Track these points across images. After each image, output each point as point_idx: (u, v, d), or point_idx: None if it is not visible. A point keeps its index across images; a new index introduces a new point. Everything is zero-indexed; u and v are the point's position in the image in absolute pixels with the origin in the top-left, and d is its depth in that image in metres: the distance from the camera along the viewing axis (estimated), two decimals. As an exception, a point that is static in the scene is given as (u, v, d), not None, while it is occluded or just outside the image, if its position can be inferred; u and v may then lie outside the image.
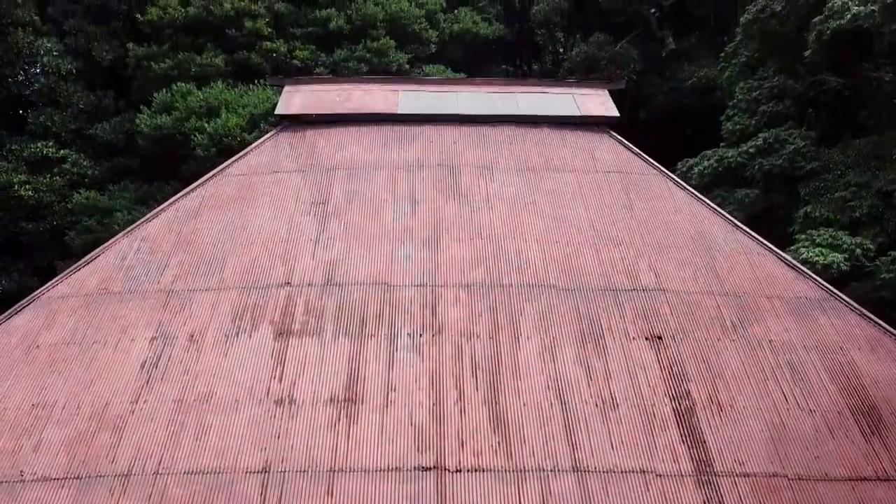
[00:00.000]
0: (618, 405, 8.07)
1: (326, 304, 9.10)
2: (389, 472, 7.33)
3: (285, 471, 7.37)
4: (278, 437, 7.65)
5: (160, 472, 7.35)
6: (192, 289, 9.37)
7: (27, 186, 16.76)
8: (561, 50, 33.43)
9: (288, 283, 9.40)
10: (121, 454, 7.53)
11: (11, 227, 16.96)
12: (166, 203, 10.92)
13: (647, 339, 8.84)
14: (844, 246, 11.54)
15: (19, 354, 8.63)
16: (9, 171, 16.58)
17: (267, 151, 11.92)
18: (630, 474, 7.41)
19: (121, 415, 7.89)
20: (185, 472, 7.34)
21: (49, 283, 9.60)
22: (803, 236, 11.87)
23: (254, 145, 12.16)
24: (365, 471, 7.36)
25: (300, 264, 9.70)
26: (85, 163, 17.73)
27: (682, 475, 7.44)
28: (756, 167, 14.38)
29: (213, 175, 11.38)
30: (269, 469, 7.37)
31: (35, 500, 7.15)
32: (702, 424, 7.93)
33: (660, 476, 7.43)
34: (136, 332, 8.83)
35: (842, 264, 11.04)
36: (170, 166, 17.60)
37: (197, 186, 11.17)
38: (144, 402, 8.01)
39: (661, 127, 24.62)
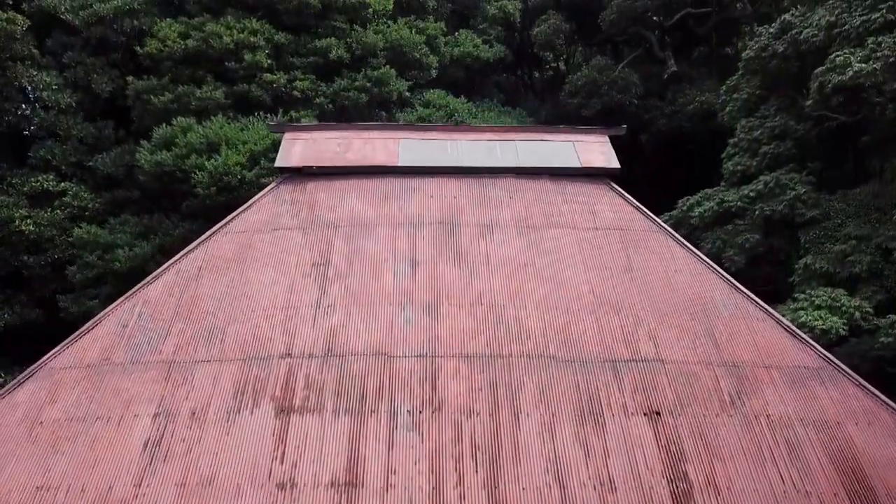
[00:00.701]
0: (616, 488, 8.22)
1: (326, 378, 9.26)
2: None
3: None
4: None
5: None
6: (194, 360, 9.52)
7: (28, 221, 16.94)
8: (563, 67, 33.57)
9: (289, 355, 9.54)
10: None
11: (13, 261, 17.14)
12: (167, 264, 11.06)
13: (645, 414, 8.98)
14: (843, 308, 11.68)
15: (23, 432, 8.78)
16: (10, 206, 16.75)
17: (268, 206, 12.06)
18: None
19: (124, 499, 8.05)
20: None
21: (51, 353, 9.74)
22: (803, 296, 12.02)
23: (255, 198, 12.29)
24: None
25: (301, 333, 9.85)
26: (85, 195, 17.89)
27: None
28: (756, 212, 14.52)
29: (214, 232, 11.52)
30: None
31: None
32: None
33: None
34: (138, 407, 8.97)
35: (840, 329, 11.19)
36: (170, 199, 17.75)
37: (197, 245, 11.31)
38: (147, 485, 8.16)
39: (662, 151, 24.74)
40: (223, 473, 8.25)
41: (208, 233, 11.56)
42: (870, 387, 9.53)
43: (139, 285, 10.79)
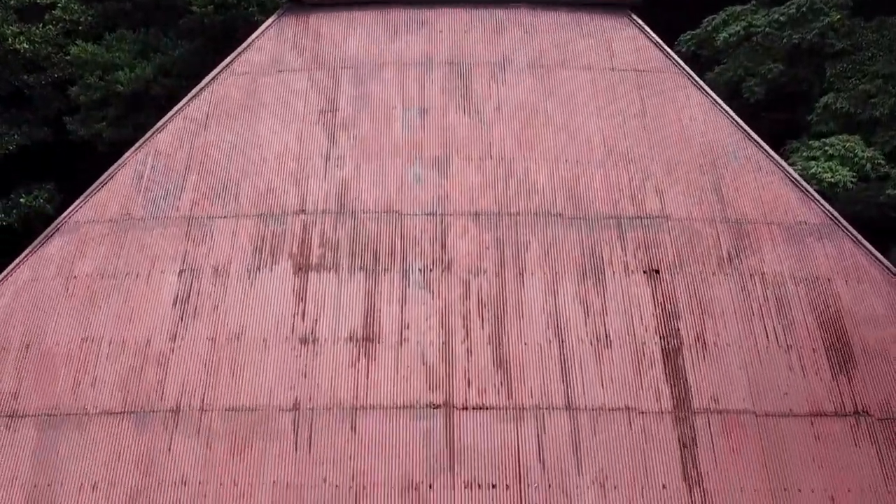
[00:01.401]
0: (611, 343, 9.09)
1: (340, 237, 9.81)
2: (404, 410, 8.60)
3: (313, 408, 8.64)
4: (305, 377, 8.83)
5: (204, 408, 8.64)
6: (211, 216, 10.03)
7: (21, 38, 16.56)
8: None
9: (303, 211, 10.01)
10: (168, 390, 8.78)
11: (13, 80, 17.05)
12: (173, 111, 11.13)
13: (645, 272, 9.61)
14: (856, 159, 11.70)
15: (59, 287, 9.57)
16: (0, 22, 16.30)
17: (270, 44, 11.80)
18: (616, 412, 8.65)
19: (162, 352, 9.02)
20: (225, 409, 8.63)
21: (72, 207, 10.25)
22: (817, 143, 11.95)
23: (257, 33, 11.98)
24: (383, 408, 8.63)
25: (312, 187, 10.23)
26: (75, 7, 17.25)
27: (662, 413, 8.66)
28: (784, 39, 13.88)
29: (218, 74, 11.43)
30: (299, 407, 8.64)
31: (102, 432, 8.51)
32: (686, 363, 9.00)
33: (642, 413, 8.66)
34: (164, 264, 9.66)
35: (849, 182, 11.33)
36: (165, 12, 17.13)
37: (202, 89, 11.29)
38: (182, 339, 9.09)
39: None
40: (249, 329, 9.11)
41: (211, 74, 11.44)
42: (866, 244, 9.99)
43: (149, 133, 10.96)
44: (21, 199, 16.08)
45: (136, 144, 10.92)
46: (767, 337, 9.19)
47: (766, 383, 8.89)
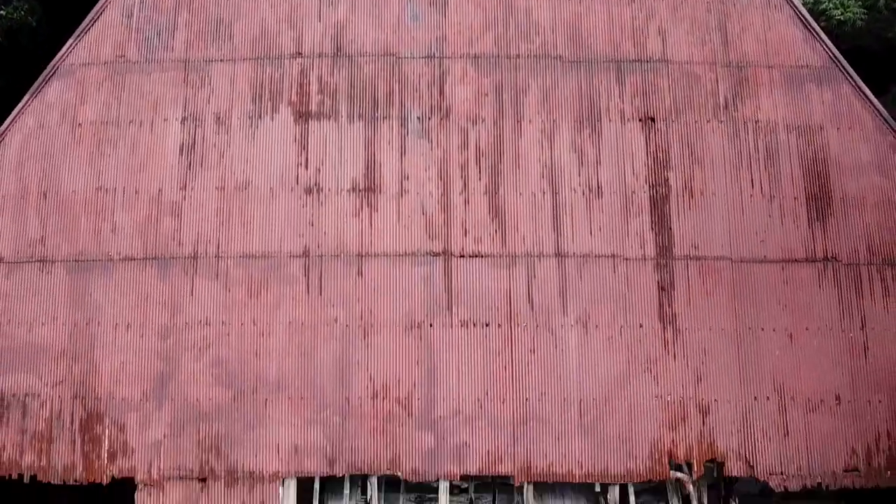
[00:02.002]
0: (602, 193, 9.66)
1: (339, 81, 9.94)
2: (406, 257, 9.41)
3: (321, 255, 9.44)
4: (312, 225, 9.52)
5: (220, 255, 9.44)
6: (207, 59, 10.08)
7: None
8: None
9: (299, 54, 10.04)
10: (184, 238, 9.52)
11: None
12: (156, -63, 10.62)
13: (640, 120, 9.90)
14: None
15: (66, 135, 9.92)
16: None
17: None
18: (602, 259, 9.45)
19: (175, 201, 9.62)
20: (240, 256, 9.44)
21: (64, 49, 10.22)
22: None
23: None
24: (386, 255, 9.42)
25: (308, 28, 10.14)
26: None
27: (645, 259, 9.48)
28: None
29: None
30: (308, 254, 9.44)
31: (128, 277, 9.40)
32: (672, 212, 9.63)
33: (626, 260, 9.47)
34: (165, 111, 9.92)
35: (858, 20, 10.97)
36: None
37: None
38: (192, 189, 9.65)
39: None
40: (256, 179, 9.62)
41: None
42: (864, 88, 10.13)
43: None
44: (1, 12, 15.58)
45: (121, -24, 10.51)
46: (753, 186, 9.68)
47: (745, 231, 9.55)
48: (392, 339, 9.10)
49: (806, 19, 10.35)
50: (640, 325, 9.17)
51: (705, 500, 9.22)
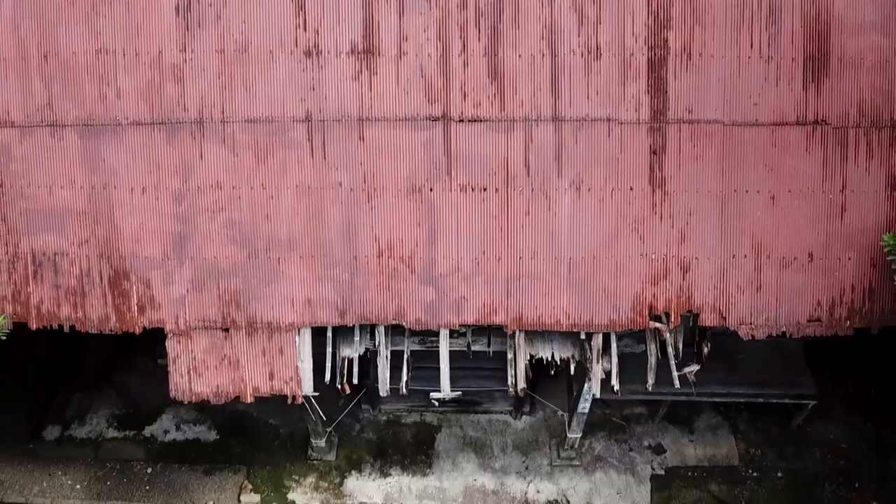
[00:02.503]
0: (601, 55, 9.76)
1: (334, -65, 9.64)
2: (406, 122, 9.72)
3: (324, 120, 9.74)
4: (313, 89, 9.73)
5: (225, 120, 9.75)
6: None
7: None
8: None
9: None
10: (189, 103, 9.77)
11: None
12: None
13: None
14: None
15: None
16: None
17: None
18: (598, 122, 9.77)
19: (176, 64, 9.75)
20: (245, 121, 9.75)
21: None
22: None
23: None
24: (387, 120, 9.73)
25: None
26: None
27: (639, 123, 9.79)
28: None
29: None
30: (311, 119, 9.74)
31: (138, 142, 9.78)
32: (668, 74, 9.79)
33: (621, 124, 9.79)
34: None
35: None
36: None
37: None
38: (192, 51, 9.74)
39: None
40: (255, 41, 9.67)
41: None
42: None
43: None
44: None
45: None
46: (752, 47, 9.72)
47: (739, 94, 9.74)
48: (395, 202, 9.64)
49: None
50: (631, 188, 9.66)
51: (680, 345, 10.22)
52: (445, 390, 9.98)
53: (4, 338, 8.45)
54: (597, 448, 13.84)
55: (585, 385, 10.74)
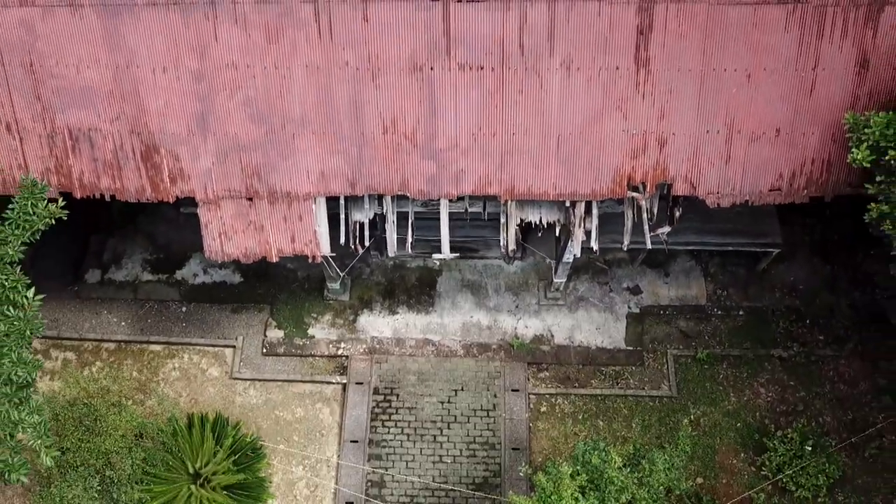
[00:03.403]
0: None
1: None
2: (407, 2, 10.31)
3: (331, 0, 10.35)
4: None
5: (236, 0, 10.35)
6: None
7: None
8: None
9: None
10: None
11: None
12: None
13: None
14: None
15: None
16: None
17: None
18: (589, 2, 10.34)
19: None
20: (255, 1, 10.35)
21: None
22: None
23: None
24: (389, 0, 10.33)
25: None
26: None
27: (628, 2, 10.38)
28: None
29: None
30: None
31: (155, 22, 10.45)
32: None
33: (611, 3, 10.37)
34: None
35: None
36: None
37: None
38: None
39: None
40: None
41: None
42: None
43: None
44: None
45: None
46: None
47: None
48: (397, 80, 10.47)
49: None
50: (617, 67, 10.45)
51: (655, 209, 11.50)
52: (445, 252, 11.39)
53: (63, 215, 9.64)
54: (580, 289, 15.55)
55: (569, 244, 12.14)
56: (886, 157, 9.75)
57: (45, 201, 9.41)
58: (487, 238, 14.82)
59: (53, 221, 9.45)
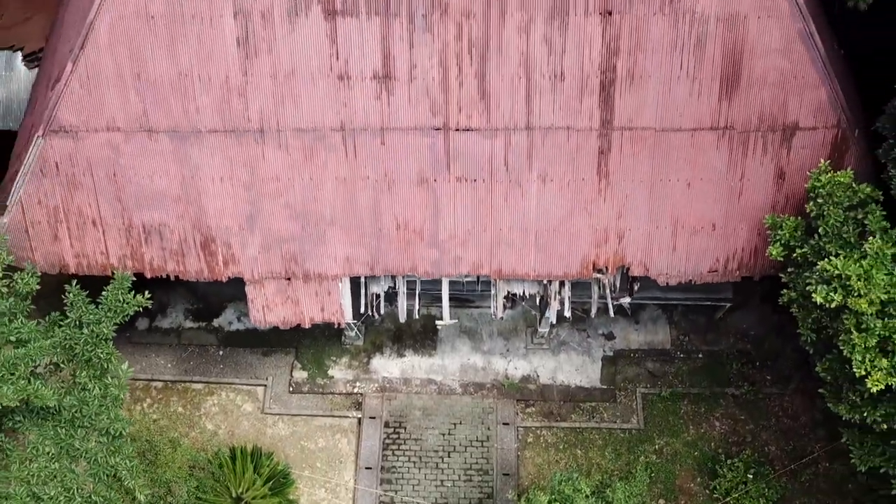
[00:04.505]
0: (565, 78, 13.35)
1: (358, -18, 12.88)
2: (416, 130, 13.52)
3: (354, 129, 13.55)
4: (345, 106, 13.43)
5: (280, 129, 13.56)
6: (247, -41, 12.86)
7: None
8: None
9: (323, -44, 12.80)
10: (252, 116, 13.52)
11: None
12: None
13: (600, 13, 13.08)
14: None
15: (143, 26, 13.16)
16: None
17: None
18: (560, 130, 13.56)
19: (240, 86, 13.37)
20: (295, 130, 13.55)
21: (126, -53, 12.89)
22: None
23: None
24: (401, 129, 13.53)
25: (328, -71, 12.70)
26: None
27: (591, 130, 13.59)
28: None
29: None
30: (345, 128, 13.55)
31: (215, 145, 13.66)
32: (616, 93, 13.43)
33: (578, 131, 13.59)
34: (220, 7, 13.03)
35: None
36: None
37: None
38: (252, 75, 13.31)
39: None
40: (299, 68, 13.22)
41: None
42: None
43: None
44: None
45: None
46: (681, 69, 13.26)
47: (669, 107, 13.44)
48: (408, 190, 13.69)
49: (754, -87, 12.68)
50: (583, 179, 13.66)
51: (618, 283, 14.71)
52: (446, 319, 14.62)
53: (148, 304, 12.83)
54: (562, 335, 18.80)
55: (546, 312, 15.36)
56: (794, 254, 12.95)
57: (134, 292, 12.60)
58: (482, 291, 18.03)
59: (141, 309, 12.65)
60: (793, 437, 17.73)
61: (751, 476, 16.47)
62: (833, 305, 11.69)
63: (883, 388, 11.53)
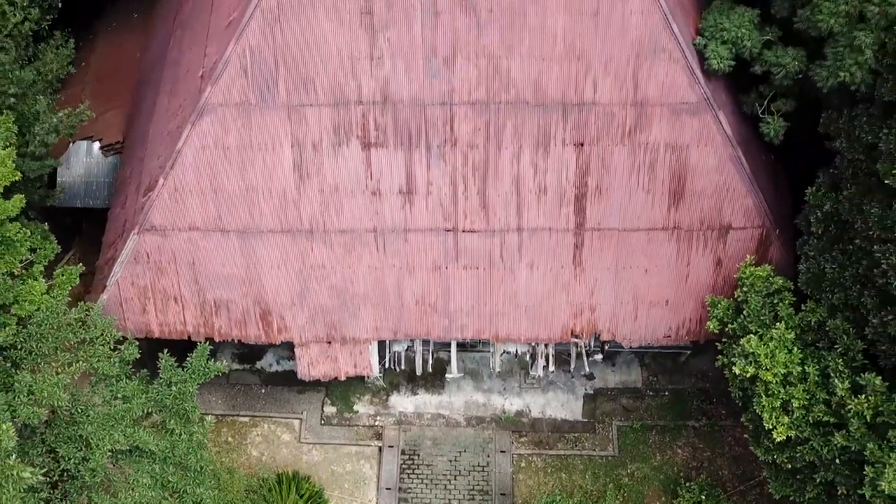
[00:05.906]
0: (547, 192, 18.33)
1: (387, 122, 17.83)
2: (431, 231, 18.51)
3: (384, 230, 18.54)
4: (377, 213, 18.42)
5: (326, 230, 18.56)
6: (301, 104, 17.80)
7: None
8: None
9: (360, 102, 17.74)
10: (303, 220, 18.51)
11: None
12: (252, 4, 17.16)
13: (574, 145, 18.04)
14: (741, 43, 17.17)
15: (220, 155, 18.14)
16: None
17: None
18: (543, 230, 18.54)
19: (295, 198, 18.34)
20: (337, 231, 18.55)
21: (206, 95, 17.78)
22: (722, 23, 16.98)
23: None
24: (420, 230, 18.52)
25: (364, 82, 17.61)
26: None
27: (568, 230, 18.57)
28: None
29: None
30: (376, 230, 18.54)
31: (274, 242, 18.66)
32: (587, 203, 18.42)
33: (558, 231, 18.58)
34: (280, 140, 17.99)
35: (727, 67, 17.30)
36: None
37: (267, -16, 17.15)
38: (303, 190, 18.29)
39: None
40: (342, 185, 18.19)
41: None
42: (721, 117, 17.88)
43: (238, 31, 17.38)
44: None
45: (232, 40, 17.41)
46: (638, 185, 18.23)
47: (629, 213, 18.42)
48: (425, 275, 18.70)
49: (692, 69, 17.62)
50: (562, 266, 18.67)
51: (592, 344, 19.75)
52: (454, 372, 19.67)
53: (225, 370, 17.79)
54: (550, 376, 23.82)
55: (533, 366, 20.41)
56: (727, 328, 17.92)
57: (213, 359, 17.57)
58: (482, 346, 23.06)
59: (220, 374, 17.64)
60: (742, 462, 22.76)
61: (704, 497, 21.48)
62: (748, 375, 16.65)
63: (785, 438, 16.45)
